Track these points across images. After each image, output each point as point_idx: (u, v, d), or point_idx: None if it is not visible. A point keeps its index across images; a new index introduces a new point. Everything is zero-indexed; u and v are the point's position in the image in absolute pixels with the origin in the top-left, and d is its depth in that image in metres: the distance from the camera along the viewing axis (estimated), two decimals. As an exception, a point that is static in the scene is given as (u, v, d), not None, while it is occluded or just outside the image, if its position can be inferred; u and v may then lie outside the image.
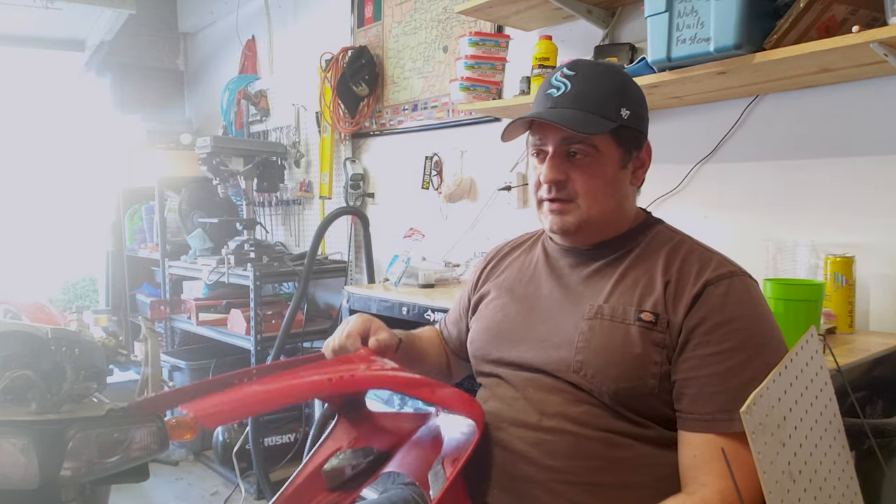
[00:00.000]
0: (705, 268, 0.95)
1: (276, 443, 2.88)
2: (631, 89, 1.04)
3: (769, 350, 0.90)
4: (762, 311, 0.94)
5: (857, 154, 1.54)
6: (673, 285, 0.95)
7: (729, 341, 0.89)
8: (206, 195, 3.51)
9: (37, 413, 1.36)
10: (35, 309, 3.11)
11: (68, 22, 3.52)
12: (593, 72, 1.03)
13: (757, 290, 0.96)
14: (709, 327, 0.91)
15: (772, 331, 0.93)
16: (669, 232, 1.07)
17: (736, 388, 0.88)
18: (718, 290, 0.92)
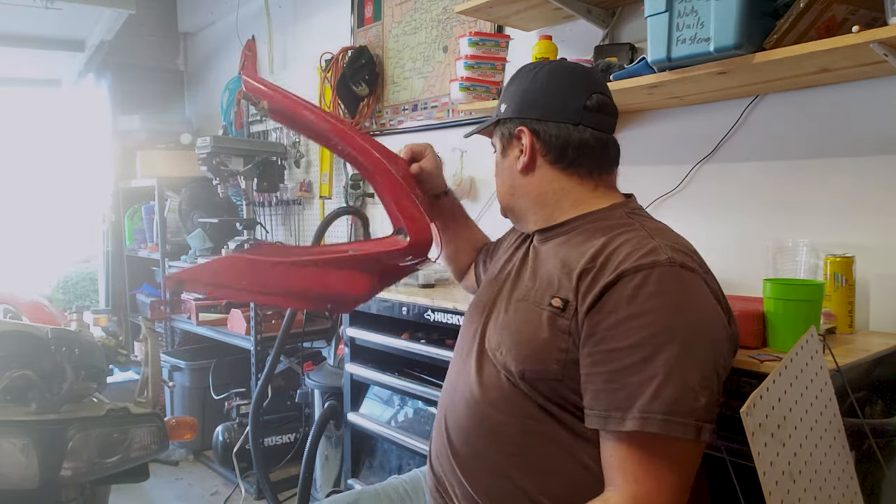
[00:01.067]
0: (630, 256, 0.89)
1: (276, 443, 2.88)
2: (510, 85, 1.11)
3: (674, 346, 0.82)
4: (678, 302, 0.86)
5: (857, 154, 1.54)
6: (590, 274, 0.91)
7: (632, 337, 0.84)
8: (206, 195, 3.51)
9: (37, 413, 1.36)
10: (35, 309, 3.11)
11: (68, 22, 3.52)
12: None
13: (682, 281, 0.87)
14: (614, 321, 0.86)
15: (685, 325, 0.85)
16: (626, 219, 1.00)
17: (633, 386, 0.83)
18: (633, 281, 0.87)
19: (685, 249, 0.93)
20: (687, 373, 0.82)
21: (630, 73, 1.59)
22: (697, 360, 0.83)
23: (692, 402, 0.81)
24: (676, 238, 0.96)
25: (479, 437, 1.00)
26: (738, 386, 1.21)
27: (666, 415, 0.80)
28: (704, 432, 0.81)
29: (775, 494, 0.86)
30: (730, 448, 1.20)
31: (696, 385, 0.82)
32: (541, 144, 1.05)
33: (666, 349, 0.82)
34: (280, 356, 2.70)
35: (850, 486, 1.03)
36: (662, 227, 1.01)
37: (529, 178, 1.07)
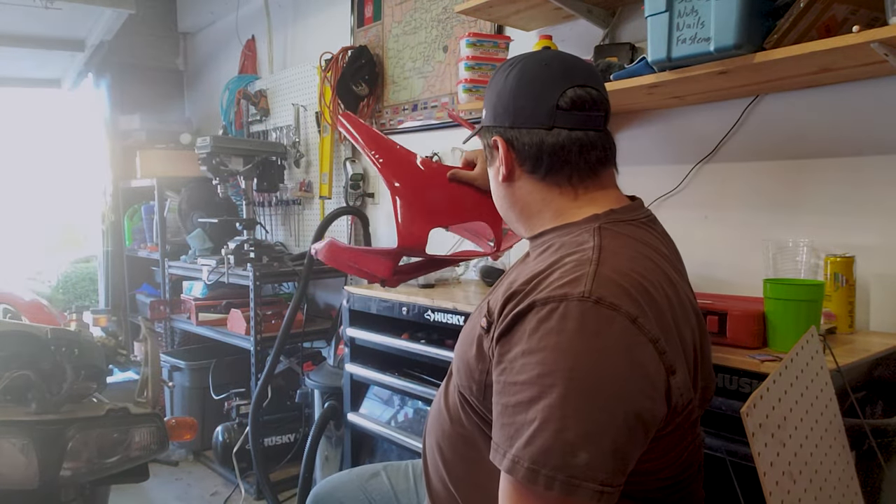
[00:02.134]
0: (551, 285, 0.82)
1: (275, 443, 2.88)
2: (488, 88, 1.04)
3: (558, 392, 0.74)
4: (574, 344, 0.76)
5: (857, 154, 1.54)
6: (517, 297, 0.84)
7: (525, 373, 0.78)
8: (205, 195, 3.51)
9: (37, 413, 1.36)
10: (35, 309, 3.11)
11: (68, 22, 3.52)
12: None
13: (587, 320, 0.77)
14: (515, 353, 0.80)
15: (575, 370, 0.75)
16: (589, 235, 0.90)
17: (517, 425, 0.77)
18: (539, 314, 0.79)
19: (624, 281, 0.81)
20: (566, 424, 0.73)
21: (630, 73, 1.59)
22: (583, 413, 0.74)
23: (566, 457, 0.72)
24: (630, 265, 0.84)
25: (432, 439, 1.02)
26: (739, 386, 1.21)
27: (532, 463, 0.74)
28: (580, 491, 0.72)
29: (776, 495, 0.86)
30: (730, 448, 1.20)
31: (575, 438, 0.73)
32: (515, 154, 0.98)
33: (549, 393, 0.75)
34: (280, 356, 2.70)
35: (850, 486, 1.03)
36: (623, 247, 0.88)
37: (512, 189, 1.01)
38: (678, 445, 0.88)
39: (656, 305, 0.82)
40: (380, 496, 1.30)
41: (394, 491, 1.29)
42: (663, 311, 0.82)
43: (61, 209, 4.62)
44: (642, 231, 0.94)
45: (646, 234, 0.94)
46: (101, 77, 4.21)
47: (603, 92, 0.99)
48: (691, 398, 0.85)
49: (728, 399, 1.21)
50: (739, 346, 1.28)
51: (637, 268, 0.84)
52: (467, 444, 0.95)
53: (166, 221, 3.54)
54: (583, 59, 1.03)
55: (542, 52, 1.00)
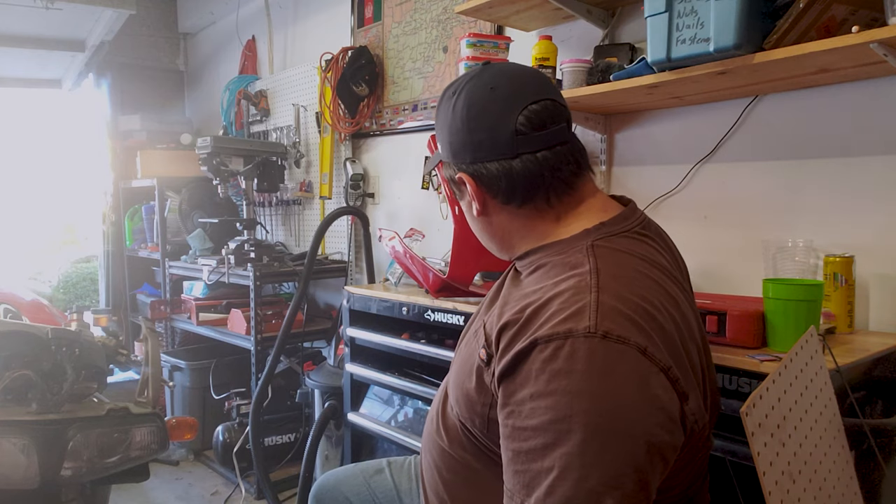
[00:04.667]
0: (552, 318, 0.77)
1: (276, 443, 2.88)
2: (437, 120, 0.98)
3: (576, 439, 0.71)
4: (587, 387, 0.72)
5: (857, 154, 1.54)
6: (512, 329, 0.80)
7: (536, 418, 0.74)
8: (206, 195, 3.51)
9: (37, 413, 1.36)
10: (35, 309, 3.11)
11: (68, 22, 3.52)
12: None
13: (597, 358, 0.73)
14: (523, 396, 0.76)
15: (590, 414, 0.72)
16: (583, 256, 0.85)
17: (533, 473, 0.73)
18: (544, 353, 0.75)
19: (629, 309, 0.77)
20: (588, 471, 0.70)
21: (630, 73, 1.59)
22: (604, 457, 0.71)
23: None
24: (630, 287, 0.80)
25: (430, 458, 1.00)
26: (738, 386, 1.21)
27: None
28: None
29: (775, 494, 0.86)
30: (729, 448, 1.20)
31: (598, 485, 0.70)
32: (485, 188, 0.92)
33: (566, 440, 0.71)
34: (280, 356, 2.70)
35: (849, 485, 1.03)
36: (620, 266, 0.84)
37: (489, 220, 0.96)
38: (690, 463, 0.87)
39: (663, 331, 0.78)
40: (384, 494, 1.29)
41: (397, 490, 1.29)
42: (671, 335, 0.79)
43: (62, 209, 4.62)
44: (638, 243, 0.89)
45: (642, 247, 0.89)
46: (101, 77, 4.21)
47: (559, 100, 0.94)
48: (705, 422, 0.83)
49: (728, 399, 1.21)
50: (739, 345, 1.28)
51: (639, 290, 0.80)
52: (468, 468, 0.92)
53: (167, 221, 3.54)
54: (529, 67, 0.98)
55: (483, 73, 0.93)
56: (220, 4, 3.88)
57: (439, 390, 1.06)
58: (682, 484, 0.89)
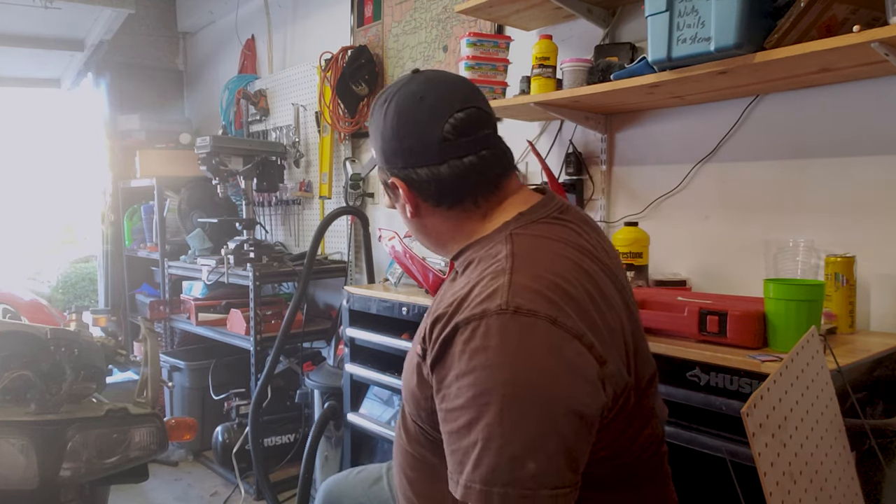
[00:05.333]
0: (468, 305, 0.82)
1: (275, 443, 2.88)
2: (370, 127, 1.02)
3: (494, 410, 0.75)
4: (501, 359, 0.77)
5: (857, 154, 1.54)
6: (442, 320, 0.84)
7: (461, 397, 0.78)
8: (205, 195, 3.51)
9: (36, 413, 1.36)
10: (34, 309, 3.10)
11: (68, 21, 3.51)
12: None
13: (509, 332, 0.78)
14: (450, 379, 0.80)
15: (506, 385, 0.76)
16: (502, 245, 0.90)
17: (462, 451, 0.77)
18: (463, 335, 0.80)
19: (540, 285, 0.82)
20: (508, 439, 0.74)
21: (630, 73, 1.59)
22: (523, 424, 0.75)
23: (515, 472, 0.74)
24: (543, 266, 0.85)
25: (396, 460, 1.04)
26: (739, 387, 1.21)
27: (484, 485, 0.75)
28: (537, 501, 0.74)
29: (776, 495, 0.86)
30: (730, 449, 1.20)
31: (520, 451, 0.74)
32: (416, 192, 0.97)
33: (486, 413, 0.76)
34: (280, 356, 2.70)
35: (850, 486, 1.03)
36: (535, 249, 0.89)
37: (423, 221, 1.01)
38: (626, 431, 0.90)
39: (576, 303, 0.82)
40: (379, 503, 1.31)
41: (392, 496, 1.30)
42: (585, 306, 0.83)
43: (61, 209, 4.61)
44: (555, 227, 0.94)
45: (559, 230, 0.94)
46: (100, 77, 4.21)
47: (485, 107, 0.98)
48: (626, 382, 0.87)
49: (728, 399, 1.21)
50: (740, 346, 1.28)
51: (552, 268, 0.85)
52: (427, 463, 0.96)
53: (166, 221, 3.54)
54: (456, 76, 1.02)
55: (411, 81, 0.98)
56: (220, 4, 3.88)
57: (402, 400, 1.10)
58: (628, 454, 0.92)
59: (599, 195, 2.04)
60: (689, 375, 1.28)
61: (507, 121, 2.29)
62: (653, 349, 1.34)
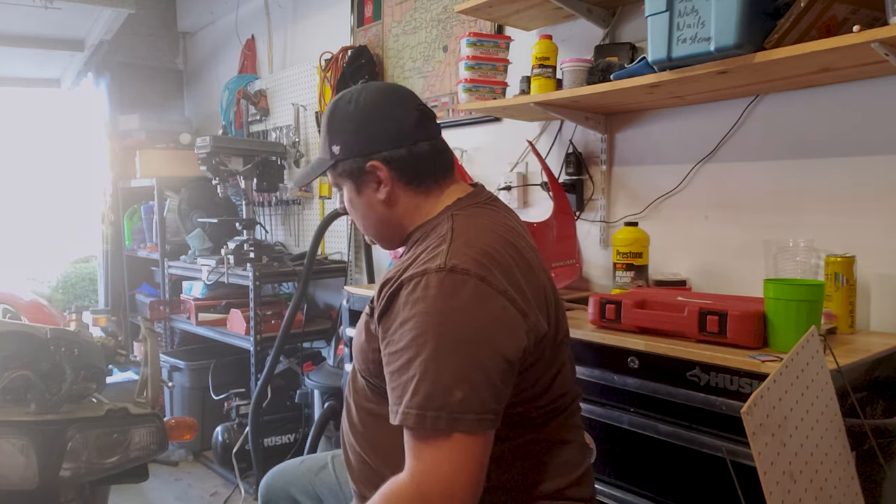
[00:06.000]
0: (412, 266, 0.98)
1: (275, 443, 2.88)
2: (334, 124, 1.15)
3: (430, 347, 0.90)
4: (436, 306, 0.92)
5: (857, 154, 1.54)
6: (391, 283, 1.00)
7: (403, 340, 0.93)
8: (205, 195, 3.51)
9: (36, 413, 1.36)
10: (34, 309, 3.11)
11: (68, 21, 3.51)
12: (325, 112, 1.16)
13: (445, 285, 0.93)
14: (394, 327, 0.96)
15: (439, 326, 0.92)
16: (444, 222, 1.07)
17: (402, 385, 0.92)
18: (407, 289, 0.96)
19: (474, 252, 0.97)
20: (440, 371, 0.89)
21: (630, 73, 1.59)
22: (453, 359, 0.90)
23: (445, 398, 0.88)
24: (476, 238, 1.01)
25: (346, 422, 1.17)
26: (739, 387, 1.21)
27: (419, 409, 0.89)
28: (460, 423, 0.88)
29: (776, 494, 0.86)
30: (730, 448, 1.20)
31: (450, 381, 0.89)
32: (395, 172, 1.09)
33: (423, 350, 0.91)
34: (280, 356, 2.70)
35: (850, 486, 1.03)
36: (470, 225, 1.05)
37: (394, 207, 1.12)
38: (545, 374, 1.05)
39: (502, 266, 0.98)
40: (326, 489, 1.38)
41: (338, 482, 1.38)
42: (509, 269, 0.99)
43: (61, 209, 4.61)
44: (486, 210, 1.12)
45: (490, 212, 1.11)
46: (100, 77, 4.20)
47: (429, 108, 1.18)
48: (545, 332, 1.02)
49: (728, 399, 1.21)
50: (740, 346, 1.28)
51: (484, 239, 1.01)
52: (372, 415, 1.09)
53: (166, 221, 3.54)
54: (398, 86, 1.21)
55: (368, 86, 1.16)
56: (220, 4, 3.88)
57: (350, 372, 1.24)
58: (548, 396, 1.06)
59: (599, 195, 2.04)
60: (689, 375, 1.28)
61: (507, 121, 2.29)
62: (653, 349, 1.35)
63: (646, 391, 1.35)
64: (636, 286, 1.72)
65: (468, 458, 0.90)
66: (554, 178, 2.01)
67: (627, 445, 1.41)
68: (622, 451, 1.42)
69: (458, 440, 0.89)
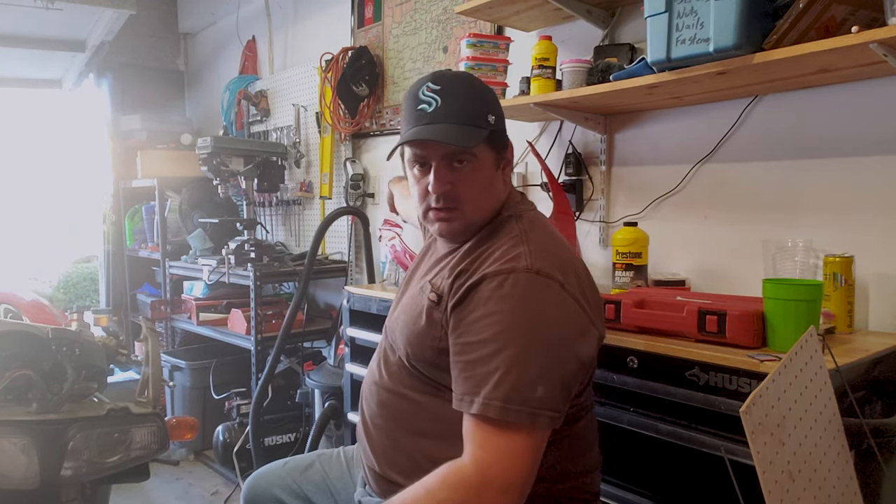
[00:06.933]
0: (496, 261, 1.02)
1: (276, 442, 2.88)
2: (490, 94, 1.16)
3: (518, 343, 0.95)
4: (525, 305, 0.97)
5: (856, 154, 1.54)
6: (465, 275, 1.03)
7: (485, 332, 0.97)
8: (206, 195, 3.51)
9: (37, 413, 1.36)
10: (36, 309, 3.11)
11: (69, 22, 3.52)
12: (456, 84, 1.12)
13: (533, 286, 0.98)
14: (473, 318, 0.99)
15: (528, 324, 0.96)
16: (515, 223, 1.10)
17: (481, 376, 0.95)
18: (491, 284, 0.99)
19: (552, 257, 1.02)
20: (526, 367, 0.94)
21: (630, 74, 1.59)
22: (538, 357, 0.95)
23: (529, 393, 0.93)
24: (549, 245, 1.06)
25: (372, 407, 1.18)
26: (738, 386, 1.21)
27: (503, 402, 0.93)
28: (540, 419, 0.93)
29: (774, 493, 0.86)
30: (729, 448, 1.20)
31: (535, 378, 0.94)
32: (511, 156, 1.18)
33: (510, 346, 0.95)
34: (280, 356, 2.70)
35: (849, 485, 1.03)
36: (542, 231, 1.10)
37: (501, 190, 1.15)
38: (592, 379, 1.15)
39: (574, 275, 1.04)
40: (313, 487, 1.38)
41: (327, 478, 1.38)
42: (580, 278, 1.05)
43: (63, 209, 4.62)
44: (541, 216, 1.17)
45: (544, 218, 1.17)
46: (102, 77, 4.21)
47: None
48: (602, 340, 1.10)
49: (727, 399, 1.22)
50: (739, 345, 1.28)
51: (558, 246, 1.08)
52: (408, 399, 1.12)
53: (167, 221, 3.54)
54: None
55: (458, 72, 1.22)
56: (221, 4, 3.88)
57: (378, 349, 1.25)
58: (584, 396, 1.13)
59: (599, 195, 2.04)
60: (688, 375, 1.28)
61: (507, 121, 2.28)
62: (652, 349, 1.35)
63: (645, 391, 1.36)
64: (635, 286, 1.73)
65: (532, 453, 0.94)
66: (553, 178, 2.02)
67: (627, 445, 1.42)
68: (621, 451, 1.42)
69: (530, 435, 0.93)
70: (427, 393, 1.10)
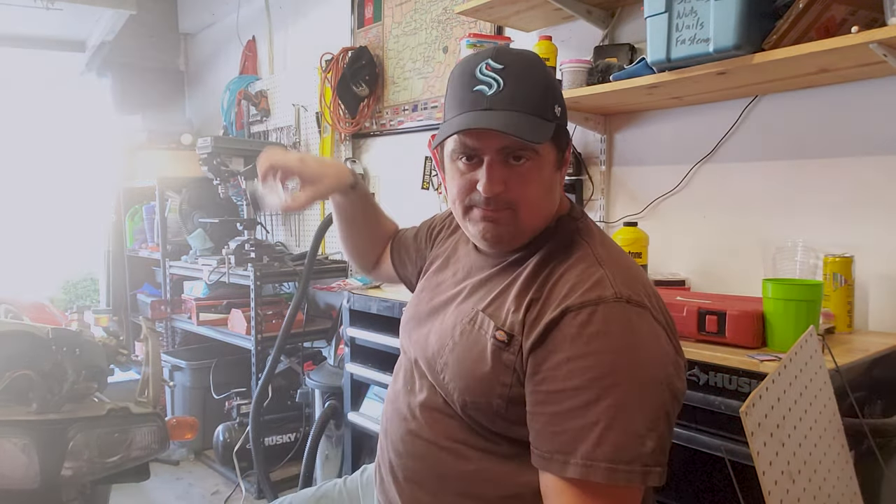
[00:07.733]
0: (575, 290, 0.84)
1: (276, 442, 2.89)
2: (556, 81, 0.98)
3: (620, 391, 0.78)
4: (623, 343, 0.80)
5: (856, 154, 1.54)
6: (537, 306, 0.86)
7: (575, 379, 0.79)
8: (206, 195, 3.51)
9: (38, 413, 1.37)
10: (36, 309, 3.10)
11: (69, 22, 3.52)
12: (522, 64, 0.89)
13: (628, 319, 0.82)
14: (557, 362, 0.81)
15: (630, 367, 0.79)
16: (580, 237, 0.93)
17: (575, 431, 0.78)
18: (577, 319, 0.81)
19: (633, 279, 0.87)
20: (632, 418, 0.78)
21: (630, 74, 1.59)
22: (644, 404, 0.79)
23: (638, 448, 0.77)
24: (625, 264, 0.90)
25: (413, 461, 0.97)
26: (738, 386, 1.21)
27: (610, 462, 0.76)
28: (651, 477, 0.77)
29: (774, 494, 0.86)
30: (729, 448, 1.20)
31: (643, 429, 0.77)
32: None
33: (610, 394, 0.78)
34: (280, 356, 2.70)
35: (849, 485, 1.03)
36: (609, 246, 0.94)
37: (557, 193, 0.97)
38: None
39: (655, 298, 0.89)
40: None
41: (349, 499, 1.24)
42: (659, 299, 0.90)
43: (63, 209, 4.62)
44: (592, 222, 0.99)
45: (597, 225, 1.00)
46: (102, 77, 4.21)
47: None
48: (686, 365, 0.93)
49: (727, 399, 1.22)
50: (739, 345, 1.28)
51: (629, 262, 0.92)
52: (459, 455, 0.92)
53: (167, 221, 3.54)
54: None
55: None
56: (221, 5, 3.88)
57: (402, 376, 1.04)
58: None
59: (599, 195, 2.04)
60: (687, 375, 1.28)
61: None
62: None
63: (645, 391, 1.36)
64: (636, 286, 1.72)
65: None
66: (554, 178, 2.01)
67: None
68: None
69: (632, 494, 0.78)
70: (485, 450, 0.90)
